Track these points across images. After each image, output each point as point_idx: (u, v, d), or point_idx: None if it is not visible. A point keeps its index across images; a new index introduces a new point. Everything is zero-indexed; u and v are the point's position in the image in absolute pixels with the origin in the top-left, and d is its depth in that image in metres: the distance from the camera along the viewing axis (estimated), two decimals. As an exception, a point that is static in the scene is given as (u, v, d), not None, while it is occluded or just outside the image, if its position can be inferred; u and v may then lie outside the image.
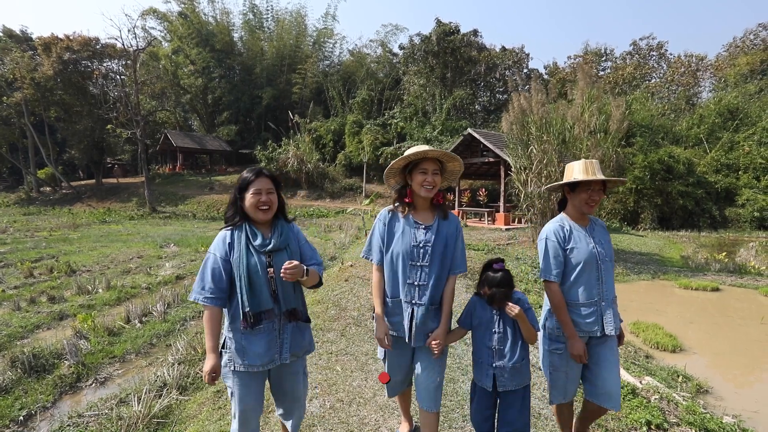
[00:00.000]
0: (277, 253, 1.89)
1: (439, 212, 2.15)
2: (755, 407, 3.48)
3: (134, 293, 6.54)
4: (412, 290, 2.07)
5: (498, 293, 2.01)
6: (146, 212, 22.31)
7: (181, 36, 33.18)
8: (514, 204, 13.37)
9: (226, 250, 1.85)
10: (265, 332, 1.85)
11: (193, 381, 3.41)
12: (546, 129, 10.16)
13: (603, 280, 2.12)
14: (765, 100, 22.68)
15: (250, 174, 1.90)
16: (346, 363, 3.37)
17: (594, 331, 2.11)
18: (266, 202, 1.89)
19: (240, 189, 1.90)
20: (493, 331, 2.06)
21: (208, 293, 1.81)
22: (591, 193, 2.14)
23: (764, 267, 9.55)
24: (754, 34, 31.80)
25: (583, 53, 35.94)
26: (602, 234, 2.22)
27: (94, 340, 4.34)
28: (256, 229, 1.90)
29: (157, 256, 9.91)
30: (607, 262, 2.14)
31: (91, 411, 3.06)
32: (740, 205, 18.03)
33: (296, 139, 26.70)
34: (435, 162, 2.09)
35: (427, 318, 2.07)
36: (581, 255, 2.11)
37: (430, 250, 2.06)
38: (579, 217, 2.22)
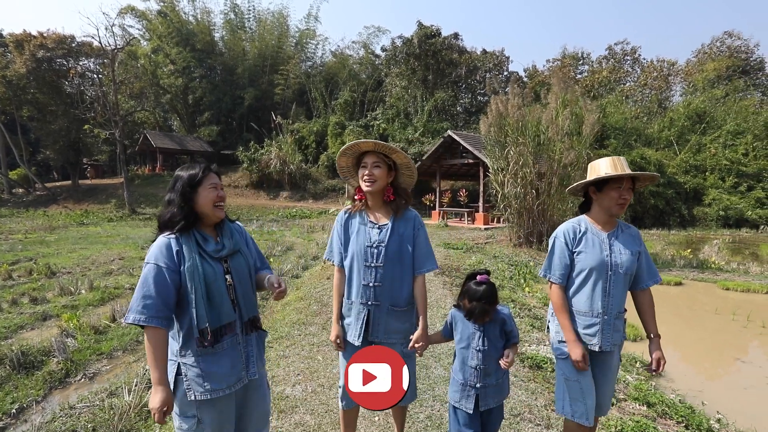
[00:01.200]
0: (231, 257, 1.70)
1: (394, 210, 2.06)
2: (701, 387, 3.85)
3: (118, 294, 6.60)
4: (367, 291, 2.01)
5: (478, 308, 1.86)
6: (125, 214, 21.98)
7: (161, 35, 32.71)
8: (493, 204, 13.78)
9: (173, 259, 1.57)
10: (228, 349, 1.62)
11: (181, 374, 3.57)
12: (522, 132, 10.57)
13: (610, 293, 1.95)
14: (730, 105, 23.82)
15: (197, 170, 1.69)
16: (326, 353, 3.59)
17: (592, 345, 1.97)
18: (223, 198, 1.72)
19: (191, 185, 1.65)
20: (477, 349, 1.91)
21: (152, 312, 1.48)
22: (622, 192, 1.94)
23: (724, 262, 10.15)
24: (720, 42, 33.27)
25: (561, 57, 36.95)
26: (628, 243, 1.99)
27: (81, 338, 4.45)
28: (205, 234, 1.68)
29: (138, 258, 9.89)
30: (620, 274, 1.94)
31: (82, 403, 3.19)
32: (707, 205, 18.87)
33: (279, 140, 26.69)
34: (375, 155, 2.00)
35: (388, 318, 2.02)
36: (589, 261, 1.96)
37: (384, 251, 1.99)
38: (604, 221, 2.03)
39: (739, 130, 21.10)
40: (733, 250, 12.81)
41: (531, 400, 2.92)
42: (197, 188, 1.66)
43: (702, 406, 3.20)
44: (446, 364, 3.49)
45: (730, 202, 18.26)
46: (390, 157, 2.04)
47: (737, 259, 10.82)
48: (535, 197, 10.51)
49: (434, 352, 3.67)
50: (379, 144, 1.99)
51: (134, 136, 31.94)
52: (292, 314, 4.85)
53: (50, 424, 2.84)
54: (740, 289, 7.72)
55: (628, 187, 1.95)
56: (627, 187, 1.94)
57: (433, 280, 7.04)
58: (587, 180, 2.01)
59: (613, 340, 1.98)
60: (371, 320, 2.01)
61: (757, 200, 18.42)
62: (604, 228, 2.02)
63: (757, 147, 20.12)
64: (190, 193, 1.65)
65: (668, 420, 2.75)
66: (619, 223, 2.05)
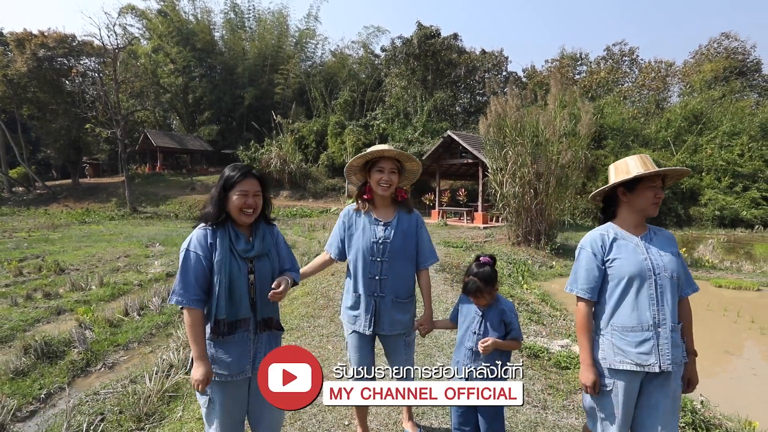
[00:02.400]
0: (258, 258, 1.80)
1: (402, 208, 2.22)
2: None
3: (127, 290, 6.78)
4: (373, 284, 2.14)
5: (471, 282, 1.98)
6: (127, 212, 22.12)
7: (161, 34, 32.82)
8: (492, 203, 13.98)
9: (208, 249, 1.71)
10: (238, 341, 1.74)
11: (197, 363, 3.76)
12: (520, 132, 10.77)
13: (659, 300, 1.72)
14: (726, 106, 24.05)
15: (236, 172, 1.77)
16: (336, 343, 3.79)
17: (651, 365, 1.69)
18: (251, 206, 1.77)
19: (224, 187, 1.76)
20: (473, 332, 2.01)
21: (192, 295, 1.66)
22: (656, 191, 1.79)
23: (717, 261, 10.39)
24: (717, 43, 33.53)
25: (560, 57, 37.18)
26: (664, 244, 1.82)
27: (97, 331, 4.63)
28: (239, 232, 1.79)
29: (144, 255, 10.08)
30: (665, 278, 1.73)
31: (105, 390, 3.39)
32: (703, 205, 19.09)
33: (279, 140, 26.85)
34: (392, 161, 2.13)
35: (393, 309, 2.15)
36: (627, 268, 1.75)
37: (389, 246, 2.13)
38: (634, 224, 1.85)
39: (735, 131, 21.34)
40: (727, 249, 13.05)
41: (529, 384, 3.13)
42: (229, 191, 1.75)
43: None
44: (449, 353, 3.69)
45: (725, 202, 18.50)
46: (400, 162, 2.17)
47: (731, 258, 11.06)
48: (534, 197, 10.71)
49: (438, 342, 3.88)
50: (403, 154, 2.14)
51: (134, 135, 32.08)
52: (300, 308, 5.06)
53: (80, 407, 3.04)
54: (732, 287, 7.95)
55: (660, 186, 1.81)
56: (659, 185, 1.80)
57: (434, 276, 7.24)
58: (619, 180, 1.82)
59: (674, 357, 1.70)
60: (378, 311, 2.16)
61: (752, 200, 18.67)
62: (635, 232, 1.83)
63: (752, 148, 20.37)
64: (223, 194, 1.76)
65: (656, 403, 2.96)
66: (649, 226, 1.88)
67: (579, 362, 3.54)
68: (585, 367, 1.81)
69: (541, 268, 9.34)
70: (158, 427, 2.82)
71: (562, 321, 5.39)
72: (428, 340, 3.90)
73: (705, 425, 2.65)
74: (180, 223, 18.74)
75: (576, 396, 3.05)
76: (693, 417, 2.70)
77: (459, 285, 6.48)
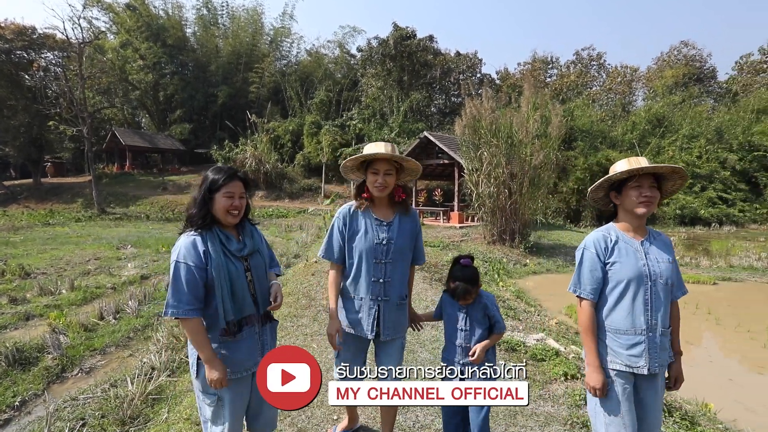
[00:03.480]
0: (251, 256, 1.86)
1: (400, 208, 2.17)
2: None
3: (100, 293, 6.59)
4: (377, 287, 2.08)
5: (460, 287, 2.05)
6: (94, 213, 21.28)
7: (129, 29, 31.70)
8: (468, 203, 14.27)
9: (200, 258, 1.70)
10: (247, 338, 1.80)
11: (179, 365, 3.73)
12: (495, 134, 11.06)
13: (653, 306, 1.77)
14: (686, 110, 25.37)
15: (221, 175, 1.77)
16: (320, 342, 3.85)
17: (639, 367, 1.76)
18: (238, 207, 1.80)
19: (210, 189, 1.77)
20: (461, 329, 2.09)
21: (186, 306, 1.66)
22: (642, 190, 1.79)
23: (678, 257, 10.99)
24: (677, 50, 35.25)
25: (532, 61, 38.21)
26: (662, 250, 1.84)
27: (72, 335, 4.51)
28: (227, 233, 1.81)
29: (115, 258, 9.78)
30: (660, 284, 1.77)
31: (84, 395, 3.32)
32: (665, 204, 20.01)
33: (254, 139, 26.45)
34: (388, 163, 2.06)
35: (396, 313, 2.14)
36: (626, 272, 1.78)
37: (393, 247, 2.09)
38: (634, 227, 1.86)
39: (694, 134, 22.54)
40: (687, 246, 13.80)
41: (507, 377, 3.29)
42: (215, 193, 1.76)
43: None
44: (431, 348, 3.82)
45: (685, 202, 19.51)
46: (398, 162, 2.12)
47: (690, 255, 11.72)
48: (508, 196, 11.02)
49: (420, 338, 3.99)
50: (396, 156, 2.07)
51: (101, 133, 30.87)
52: (282, 308, 5.06)
53: (59, 413, 2.98)
54: (691, 281, 8.44)
55: (650, 185, 1.80)
56: (649, 184, 1.79)
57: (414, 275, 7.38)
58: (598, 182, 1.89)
59: (661, 360, 1.78)
60: (381, 316, 2.10)
61: (709, 200, 19.78)
62: (635, 235, 1.85)
63: (709, 150, 21.57)
64: (208, 196, 1.76)
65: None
66: (649, 230, 1.90)
67: (554, 354, 3.74)
68: (592, 369, 1.80)
69: (515, 266, 9.63)
70: (143, 429, 2.80)
71: (537, 316, 5.62)
72: (410, 336, 4.01)
73: (668, 408, 2.86)
74: (152, 224, 18.21)
75: (551, 385, 3.22)
76: (657, 402, 2.91)
77: (438, 283, 6.64)
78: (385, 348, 2.19)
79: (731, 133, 22.44)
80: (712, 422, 3.04)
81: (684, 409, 3.00)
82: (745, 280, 8.88)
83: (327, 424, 2.65)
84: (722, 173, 20.76)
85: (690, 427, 2.71)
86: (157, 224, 18.39)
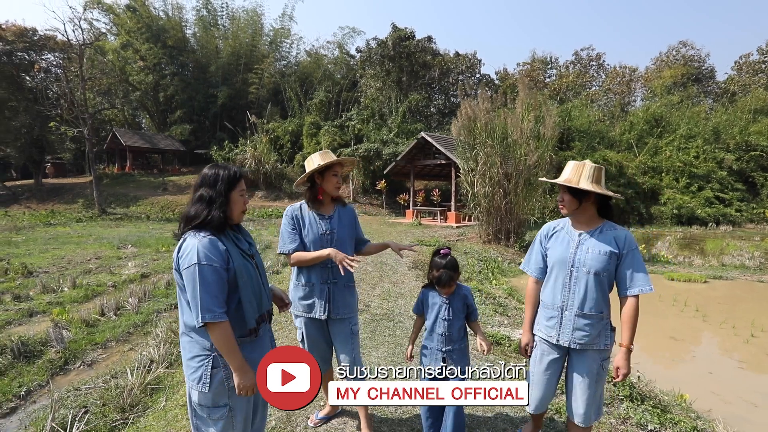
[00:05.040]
0: (255, 254, 1.86)
1: (338, 203, 2.54)
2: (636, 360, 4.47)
3: (101, 291, 6.75)
4: (326, 272, 2.39)
5: (444, 274, 2.22)
6: (95, 214, 21.46)
7: (130, 30, 31.87)
8: (464, 203, 14.40)
9: (223, 258, 1.64)
10: (263, 336, 1.82)
11: (177, 358, 3.89)
12: (490, 134, 11.21)
13: (571, 289, 2.06)
14: (683, 110, 25.47)
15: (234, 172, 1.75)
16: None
17: (550, 337, 2.13)
18: (247, 204, 1.82)
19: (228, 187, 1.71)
20: (443, 319, 2.26)
21: (219, 308, 1.58)
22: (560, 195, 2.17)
23: (672, 256, 11.13)
24: (675, 50, 35.36)
25: (531, 61, 38.35)
26: (603, 243, 2.03)
27: (74, 330, 4.66)
28: (235, 233, 1.79)
29: (116, 257, 9.94)
30: (582, 272, 2.03)
31: (86, 386, 3.48)
32: (663, 204, 20.13)
33: (254, 140, 26.61)
34: (340, 166, 2.47)
35: (344, 294, 2.44)
36: (554, 257, 2.14)
37: (336, 236, 2.42)
38: (582, 221, 2.14)
39: (691, 135, 22.64)
40: (682, 245, 13.92)
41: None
42: (231, 192, 1.72)
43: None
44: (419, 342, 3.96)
45: (683, 202, 19.61)
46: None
47: (685, 254, 11.86)
48: (503, 196, 11.17)
49: (409, 333, 4.14)
50: (346, 159, 2.55)
51: (102, 134, 31.05)
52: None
53: (62, 402, 3.13)
54: (683, 279, 8.59)
55: (563, 191, 2.12)
56: (562, 190, 2.14)
57: (407, 273, 7.54)
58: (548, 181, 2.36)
59: (574, 337, 2.05)
60: (332, 297, 2.40)
61: (706, 200, 19.88)
62: (580, 227, 2.11)
63: (706, 150, 21.68)
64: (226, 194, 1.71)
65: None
66: (604, 224, 2.10)
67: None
68: (524, 331, 2.28)
69: (510, 265, 9.77)
70: (142, 416, 2.95)
71: (526, 313, 5.76)
72: (399, 331, 4.16)
73: (641, 397, 3.01)
74: (152, 225, 18.37)
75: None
76: (630, 390, 3.06)
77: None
78: (337, 329, 2.44)
79: (728, 133, 22.55)
80: (685, 411, 3.18)
81: (658, 398, 3.15)
82: (735, 278, 9.01)
83: (314, 409, 2.80)
84: (719, 173, 20.85)
85: (661, 415, 2.85)
86: (158, 224, 18.56)
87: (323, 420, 2.71)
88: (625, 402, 2.98)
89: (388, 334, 4.42)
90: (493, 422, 2.71)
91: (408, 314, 5.07)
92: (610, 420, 2.80)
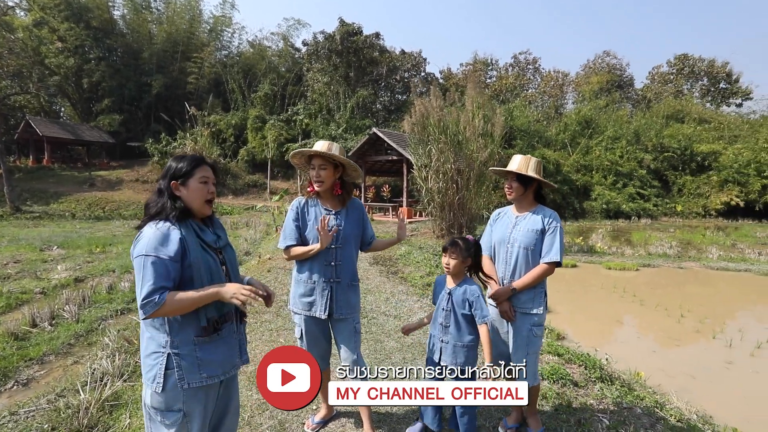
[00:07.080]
0: (225, 248, 1.74)
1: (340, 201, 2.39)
2: (594, 343, 4.79)
3: (27, 298, 5.97)
4: (329, 270, 2.28)
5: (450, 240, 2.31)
6: (7, 212, 19.03)
7: (45, 6, 28.52)
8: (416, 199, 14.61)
9: (177, 250, 1.50)
10: (226, 336, 1.65)
11: (136, 369, 3.54)
12: (443, 131, 11.45)
13: (508, 261, 2.37)
14: (609, 114, 27.79)
15: (184, 162, 1.64)
16: (287, 336, 3.83)
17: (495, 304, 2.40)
18: (213, 193, 1.70)
19: (180, 176, 1.62)
20: (443, 308, 2.28)
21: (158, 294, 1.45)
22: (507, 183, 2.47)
23: (606, 247, 12.09)
24: (601, 59, 38.41)
25: (473, 62, 39.77)
26: (530, 223, 2.36)
27: (1, 346, 4.08)
28: (200, 224, 1.67)
29: (40, 260, 8.87)
30: (516, 247, 2.35)
31: (25, 408, 3.05)
32: (593, 199, 21.82)
33: (194, 133, 25.09)
34: (322, 158, 2.26)
35: (347, 293, 2.33)
36: (496, 236, 2.47)
37: (342, 234, 2.31)
38: (519, 206, 2.48)
39: (616, 136, 24.76)
40: (612, 237, 15.18)
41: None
42: (187, 179, 1.62)
43: (595, 353, 4.07)
44: (397, 338, 3.95)
45: (610, 197, 21.41)
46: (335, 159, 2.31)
47: (616, 245, 12.93)
48: (455, 192, 11.47)
49: (384, 329, 4.10)
50: (323, 153, 2.24)
51: (10, 122, 27.60)
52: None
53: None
54: (618, 268, 9.35)
55: (512, 178, 2.42)
56: (511, 178, 2.43)
57: (369, 269, 7.50)
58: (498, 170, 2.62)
59: (514, 304, 2.36)
60: (334, 296, 2.29)
61: (629, 195, 21.88)
62: (518, 211, 2.46)
63: (629, 150, 23.84)
64: (180, 185, 1.61)
65: (572, 365, 3.51)
66: (537, 207, 2.42)
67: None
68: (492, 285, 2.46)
69: (464, 259, 10.06)
70: (104, 436, 2.65)
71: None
72: (374, 327, 4.12)
73: (610, 378, 3.22)
74: (79, 223, 16.67)
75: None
76: (600, 372, 3.27)
77: (394, 276, 6.80)
78: (340, 327, 2.37)
79: (646, 136, 24.95)
80: (643, 387, 3.46)
81: (622, 379, 3.39)
82: (660, 266, 9.97)
83: (306, 414, 2.67)
84: (640, 171, 23.02)
85: (629, 392, 3.08)
86: (86, 223, 16.89)
87: (320, 424, 2.60)
88: (597, 383, 3.18)
89: (364, 331, 4.34)
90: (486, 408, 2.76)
91: (379, 310, 5.03)
92: (589, 401, 2.96)
